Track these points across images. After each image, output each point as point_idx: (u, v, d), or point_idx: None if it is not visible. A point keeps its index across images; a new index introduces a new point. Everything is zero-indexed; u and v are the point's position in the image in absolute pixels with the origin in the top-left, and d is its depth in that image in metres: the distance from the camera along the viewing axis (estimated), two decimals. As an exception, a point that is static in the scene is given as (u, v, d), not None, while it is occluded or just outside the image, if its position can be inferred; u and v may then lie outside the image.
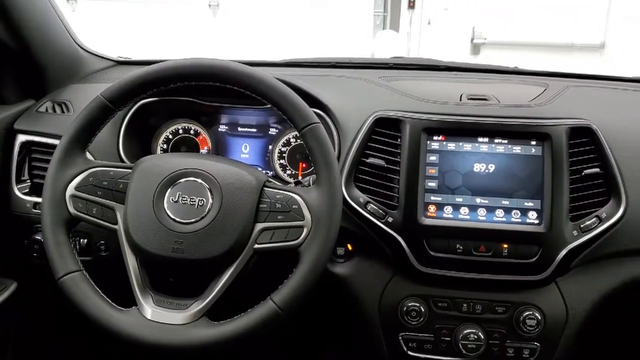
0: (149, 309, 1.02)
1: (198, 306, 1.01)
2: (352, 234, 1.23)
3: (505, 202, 1.20)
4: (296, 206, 1.03)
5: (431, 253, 1.20)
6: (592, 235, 1.17)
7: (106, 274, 1.12)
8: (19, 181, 1.40)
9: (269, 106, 1.07)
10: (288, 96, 1.06)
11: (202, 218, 1.03)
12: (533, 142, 1.21)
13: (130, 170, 1.08)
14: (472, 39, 5.46)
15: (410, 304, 1.24)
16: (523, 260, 1.18)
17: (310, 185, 1.11)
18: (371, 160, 1.23)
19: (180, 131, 1.50)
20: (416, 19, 5.64)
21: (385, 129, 1.24)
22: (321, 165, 1.04)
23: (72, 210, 1.06)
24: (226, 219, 1.02)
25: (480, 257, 1.19)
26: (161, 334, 0.99)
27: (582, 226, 1.17)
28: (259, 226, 1.03)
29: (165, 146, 1.50)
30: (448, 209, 1.21)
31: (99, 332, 1.01)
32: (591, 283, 1.23)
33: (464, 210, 1.21)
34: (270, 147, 1.48)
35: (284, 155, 1.46)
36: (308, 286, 1.00)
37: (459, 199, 1.21)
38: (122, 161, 1.35)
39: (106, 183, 1.07)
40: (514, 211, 1.20)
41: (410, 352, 1.27)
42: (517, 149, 1.21)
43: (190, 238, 1.02)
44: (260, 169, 1.40)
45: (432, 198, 1.21)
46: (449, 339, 1.25)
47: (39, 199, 1.28)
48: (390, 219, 1.20)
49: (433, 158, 1.22)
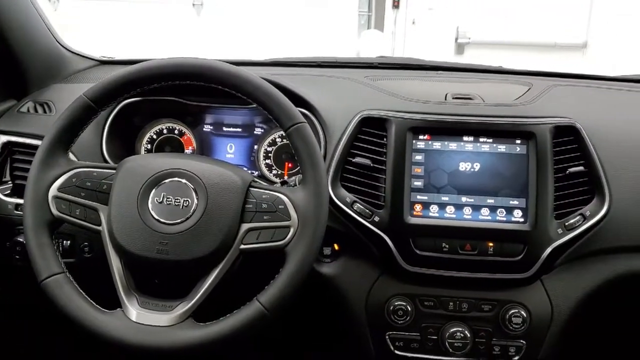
0: (134, 311, 1.01)
1: (183, 307, 1.00)
2: (339, 234, 1.23)
3: (490, 201, 1.20)
4: (282, 206, 1.03)
5: (417, 252, 1.20)
6: (577, 233, 1.18)
7: (90, 276, 1.11)
8: (1, 182, 1.38)
9: (255, 106, 1.06)
10: (274, 95, 1.05)
11: (187, 219, 1.02)
12: (518, 141, 1.21)
13: (114, 170, 1.07)
14: (457, 39, 5.49)
15: (396, 303, 1.24)
16: (508, 258, 1.19)
17: (296, 185, 1.11)
18: (357, 159, 1.23)
19: (164, 131, 1.49)
20: (401, 19, 5.66)
21: (371, 129, 1.24)
22: (307, 164, 1.03)
23: (55, 211, 1.05)
24: (211, 220, 1.01)
25: (466, 256, 1.19)
26: (146, 336, 0.98)
27: (567, 224, 1.18)
28: (245, 226, 1.03)
29: (149, 146, 1.49)
30: (434, 208, 1.21)
31: (83, 335, 1.00)
32: (576, 281, 1.24)
33: (450, 209, 1.21)
34: (255, 147, 1.47)
35: (270, 155, 1.45)
36: (294, 286, 1.00)
37: (445, 198, 1.21)
38: (106, 162, 1.34)
39: (89, 184, 1.06)
40: (499, 210, 1.20)
41: (397, 351, 1.27)
42: (502, 148, 1.21)
43: (175, 239, 1.01)
44: (245, 169, 1.39)
45: (418, 197, 1.21)
46: (436, 338, 1.25)
47: (21, 201, 1.25)
48: (376, 218, 1.20)
49: (419, 157, 1.22)
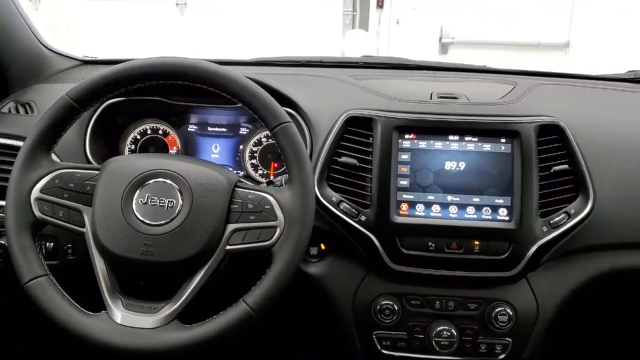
0: (119, 313, 1.00)
1: (169, 309, 1.00)
2: (325, 234, 1.23)
3: (476, 200, 1.21)
4: (268, 206, 1.02)
5: (404, 251, 1.20)
6: (562, 230, 1.19)
7: (74, 278, 1.10)
8: (-18, 184, 1.35)
9: (240, 105, 1.06)
10: (259, 95, 1.04)
11: (172, 220, 1.01)
12: (502, 140, 1.22)
13: (97, 171, 1.06)
14: (441, 38, 5.50)
15: (383, 302, 1.24)
16: (494, 256, 1.19)
17: (282, 185, 1.11)
18: (343, 159, 1.23)
19: (148, 131, 1.48)
20: (385, 19, 5.67)
21: (357, 128, 1.24)
22: (293, 164, 1.03)
23: (38, 213, 1.04)
24: (197, 220, 1.01)
25: (451, 255, 1.19)
26: (131, 339, 0.97)
27: (552, 222, 1.19)
28: (231, 227, 1.02)
29: (133, 147, 1.48)
30: (420, 207, 1.21)
31: (68, 338, 0.99)
32: (561, 278, 1.25)
33: (436, 207, 1.21)
34: (241, 147, 1.46)
35: (256, 155, 1.45)
36: (281, 287, 0.99)
37: (431, 197, 1.21)
38: (89, 162, 1.33)
39: (73, 185, 1.05)
40: (485, 208, 1.21)
41: (383, 351, 1.27)
42: (487, 147, 1.22)
43: (160, 240, 1.00)
44: (231, 169, 1.38)
45: (404, 196, 1.21)
46: (422, 337, 1.26)
47: (3, 203, 1.24)
48: (363, 218, 1.20)
49: (405, 156, 1.22)
